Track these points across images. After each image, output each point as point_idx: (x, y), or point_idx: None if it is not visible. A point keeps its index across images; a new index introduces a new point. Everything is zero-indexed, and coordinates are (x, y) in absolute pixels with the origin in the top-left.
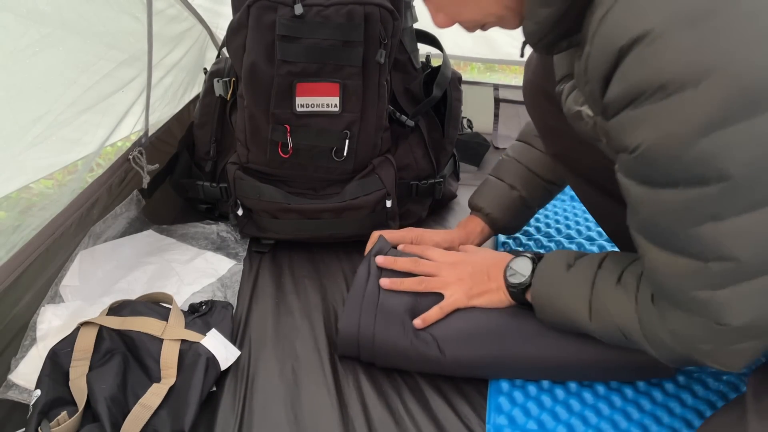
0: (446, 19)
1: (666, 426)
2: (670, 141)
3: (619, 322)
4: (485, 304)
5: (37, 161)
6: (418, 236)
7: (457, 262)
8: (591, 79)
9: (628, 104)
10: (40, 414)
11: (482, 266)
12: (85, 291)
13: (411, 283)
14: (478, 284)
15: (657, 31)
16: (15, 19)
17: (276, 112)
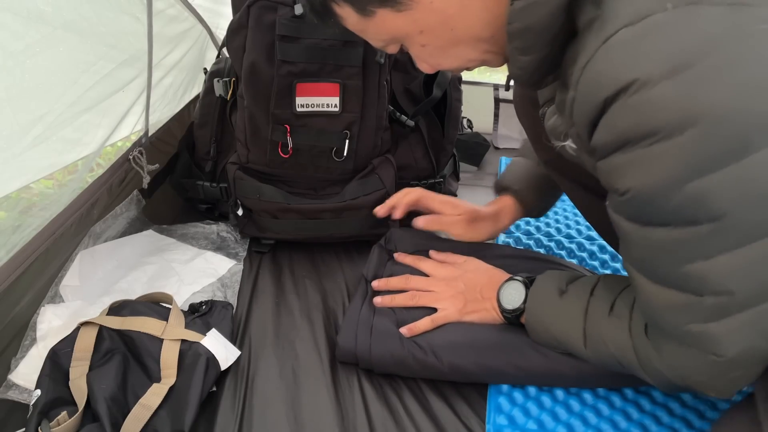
0: (429, 67)
1: (666, 426)
2: (659, 185)
3: (615, 350)
4: (479, 321)
5: (37, 161)
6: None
7: (450, 277)
8: (577, 123)
9: (616, 150)
10: (40, 414)
11: (475, 284)
12: (85, 291)
13: (403, 298)
14: (471, 302)
15: (641, 81)
16: (15, 19)
17: (276, 112)
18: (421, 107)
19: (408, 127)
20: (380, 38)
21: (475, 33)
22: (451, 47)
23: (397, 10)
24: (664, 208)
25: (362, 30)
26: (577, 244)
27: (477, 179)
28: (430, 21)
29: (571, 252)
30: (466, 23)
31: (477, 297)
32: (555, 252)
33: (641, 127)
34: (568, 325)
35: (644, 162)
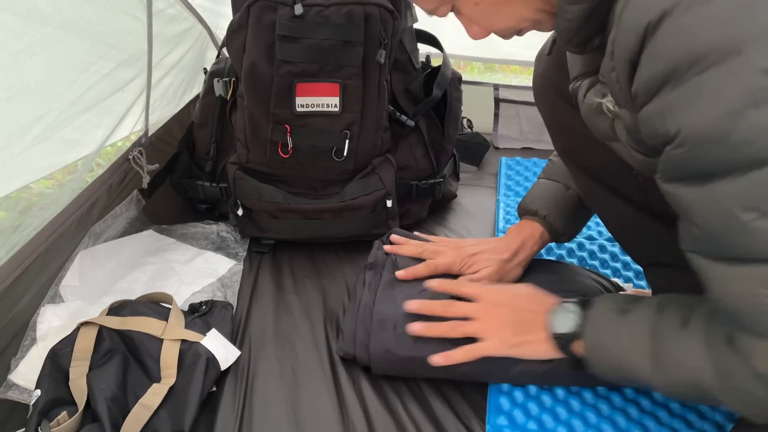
0: (481, 30)
1: (666, 426)
2: (714, 120)
3: (688, 371)
4: (526, 356)
5: (37, 161)
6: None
7: (497, 303)
8: (618, 63)
9: (661, 87)
10: (40, 414)
11: (526, 312)
12: (85, 291)
13: (443, 329)
14: (520, 333)
15: (689, 1)
16: (15, 19)
17: (276, 112)
18: (421, 107)
19: (408, 127)
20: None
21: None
22: (504, 4)
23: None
24: (722, 149)
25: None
26: (577, 244)
27: (477, 179)
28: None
29: (571, 252)
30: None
31: (526, 327)
32: (555, 252)
33: (690, 52)
34: (632, 346)
35: (694, 93)
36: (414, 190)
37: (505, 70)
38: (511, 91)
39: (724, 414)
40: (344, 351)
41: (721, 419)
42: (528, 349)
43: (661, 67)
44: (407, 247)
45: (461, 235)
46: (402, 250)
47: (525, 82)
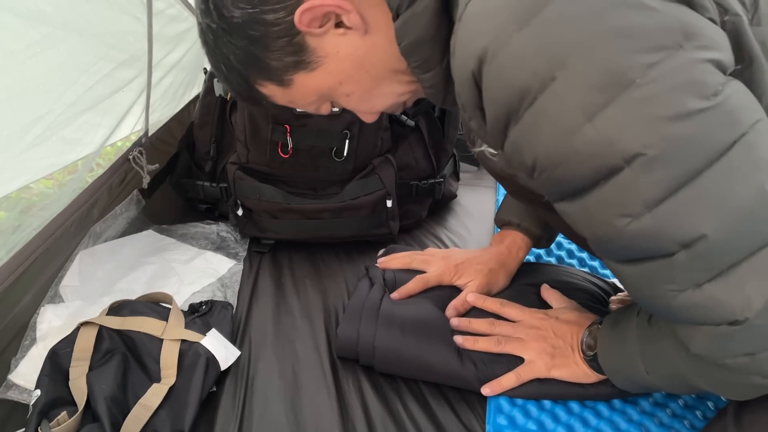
0: (369, 115)
1: (666, 427)
2: (556, 143)
3: (668, 366)
4: (567, 377)
5: (37, 161)
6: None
7: (538, 325)
8: (470, 113)
9: (506, 126)
10: (40, 414)
11: (565, 333)
12: (85, 291)
13: (486, 343)
14: (561, 354)
15: (493, 44)
16: (15, 19)
17: (276, 113)
18: (421, 107)
19: (408, 127)
20: (308, 101)
21: (390, 66)
22: (374, 88)
23: (310, 70)
24: (577, 167)
25: (290, 101)
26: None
27: (477, 179)
28: (344, 69)
29: (570, 253)
30: (378, 59)
31: (567, 350)
32: (555, 253)
33: (516, 87)
34: (626, 352)
35: (533, 124)
36: (414, 190)
37: None
38: None
39: None
40: (345, 349)
41: None
42: (568, 371)
43: (498, 109)
44: (396, 261)
45: (461, 235)
46: (391, 263)
47: None
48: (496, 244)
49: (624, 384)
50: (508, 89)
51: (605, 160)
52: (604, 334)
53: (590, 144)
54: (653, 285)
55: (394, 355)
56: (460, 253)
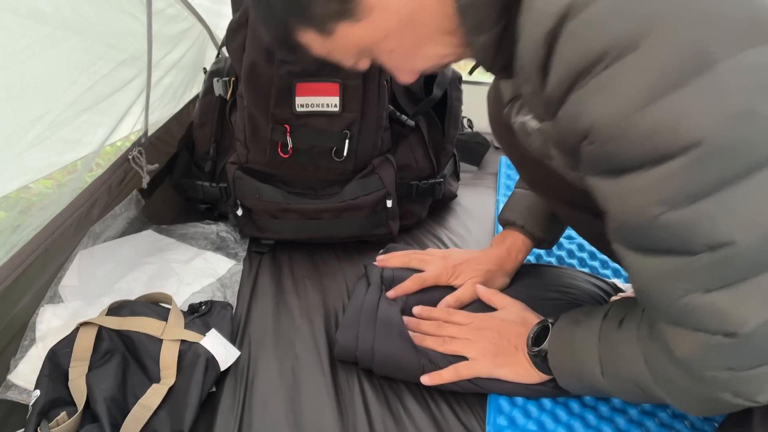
0: (409, 74)
1: (666, 426)
2: (617, 115)
3: (628, 372)
4: (510, 376)
5: (37, 161)
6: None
7: (484, 327)
8: (529, 75)
9: (571, 87)
10: (39, 414)
11: (510, 333)
12: (85, 291)
13: (433, 342)
14: (504, 353)
15: (578, 4)
16: (15, 19)
17: (275, 112)
18: (421, 107)
19: (408, 127)
20: (348, 54)
21: (437, 26)
22: (418, 47)
23: (355, 20)
24: (630, 145)
25: (329, 51)
26: (578, 244)
27: (477, 179)
28: (390, 23)
29: (571, 253)
30: (427, 17)
31: (511, 349)
32: (555, 253)
33: (591, 52)
34: (584, 354)
35: (601, 89)
36: (414, 190)
37: None
38: None
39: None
40: (344, 352)
41: (721, 420)
42: (511, 369)
43: (569, 68)
44: (394, 259)
45: (461, 235)
46: (390, 262)
47: None
48: (497, 245)
49: (570, 384)
50: (585, 51)
51: (662, 143)
52: (558, 332)
53: (651, 123)
54: (663, 280)
55: (392, 360)
56: (459, 254)
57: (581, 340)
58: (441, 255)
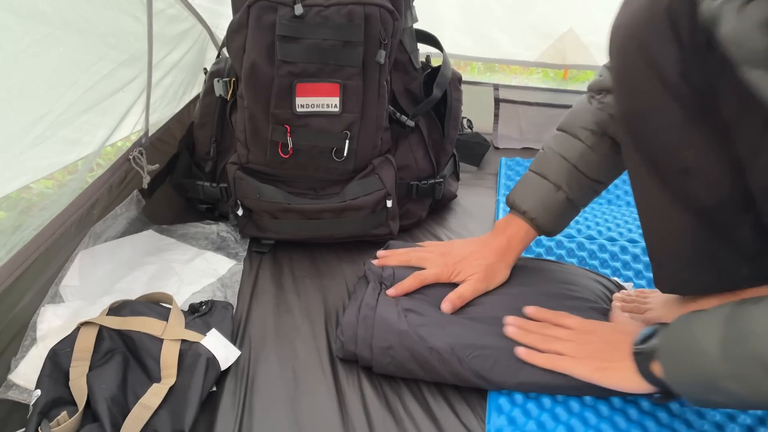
0: None
1: (666, 426)
2: None
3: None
4: (609, 382)
5: (37, 161)
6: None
7: (588, 331)
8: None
9: None
10: (40, 414)
11: (617, 341)
12: (86, 291)
13: (536, 339)
14: (608, 359)
15: None
16: (15, 20)
17: (276, 113)
18: (421, 107)
19: (408, 127)
20: None
21: None
22: None
23: None
24: None
25: None
26: (577, 243)
27: (477, 179)
28: None
29: (570, 252)
30: None
31: (614, 354)
32: (554, 252)
33: None
34: (702, 334)
35: None
36: (414, 190)
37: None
38: (511, 91)
39: (724, 413)
40: (344, 350)
41: (720, 419)
42: (611, 374)
43: None
44: (394, 258)
45: (461, 235)
46: (389, 261)
47: (525, 82)
48: (498, 234)
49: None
50: None
51: None
52: (674, 324)
53: None
54: None
55: (390, 358)
56: (459, 249)
57: (702, 324)
58: (440, 252)
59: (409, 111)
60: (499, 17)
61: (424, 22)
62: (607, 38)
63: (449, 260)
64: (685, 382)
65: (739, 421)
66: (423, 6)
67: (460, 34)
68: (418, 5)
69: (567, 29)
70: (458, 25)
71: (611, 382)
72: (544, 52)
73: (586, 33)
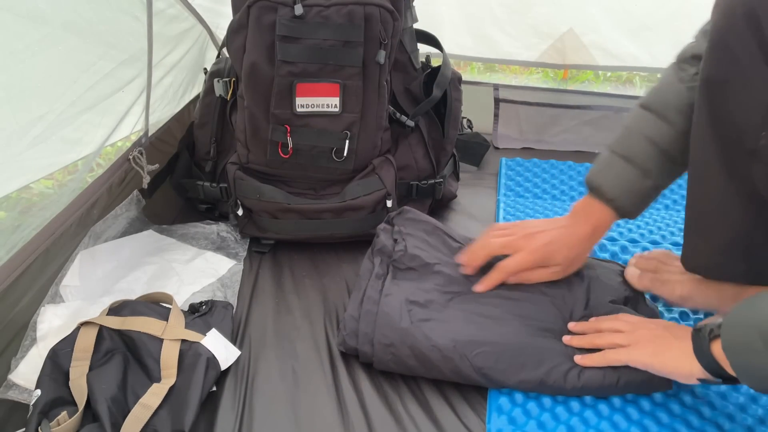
0: None
1: (666, 426)
2: None
3: None
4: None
5: (37, 161)
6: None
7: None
8: None
9: None
10: (40, 414)
11: (672, 328)
12: (86, 291)
13: (599, 357)
14: (664, 344)
15: None
16: (15, 19)
17: (276, 113)
18: (421, 107)
19: (408, 127)
20: None
21: None
22: None
23: None
24: None
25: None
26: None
27: (477, 179)
28: None
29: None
30: None
31: (670, 339)
32: None
33: None
34: None
35: None
36: (414, 190)
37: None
38: (511, 91)
39: (724, 415)
40: (345, 344)
41: (721, 420)
42: (668, 357)
43: None
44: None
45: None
46: (477, 260)
47: (525, 82)
48: (581, 221)
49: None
50: None
51: None
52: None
53: None
54: None
55: (392, 352)
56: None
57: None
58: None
59: (409, 111)
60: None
61: (424, 22)
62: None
63: (534, 245)
64: (747, 362)
65: (739, 421)
66: (423, 6)
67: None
68: (418, 5)
69: (567, 29)
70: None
71: (667, 366)
72: (544, 52)
73: (586, 33)
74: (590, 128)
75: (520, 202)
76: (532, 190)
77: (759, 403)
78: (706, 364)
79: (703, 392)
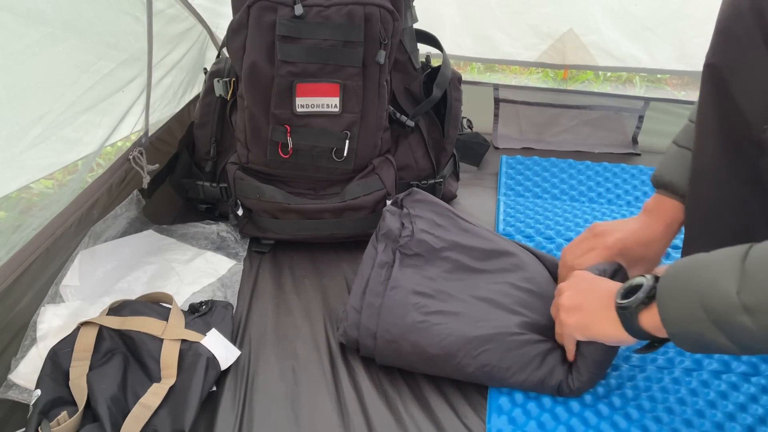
0: None
1: (666, 425)
2: None
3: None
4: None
5: (37, 161)
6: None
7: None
8: None
9: None
10: (40, 414)
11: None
12: (86, 291)
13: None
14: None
15: None
16: (15, 19)
17: (276, 113)
18: (421, 107)
19: (408, 127)
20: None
21: None
22: None
23: None
24: None
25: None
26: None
27: (477, 179)
28: None
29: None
30: None
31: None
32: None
33: None
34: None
35: None
36: None
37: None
38: (511, 91)
39: (723, 413)
40: (347, 336)
41: (720, 418)
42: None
43: None
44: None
45: None
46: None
47: (525, 82)
48: (656, 219)
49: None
50: None
51: None
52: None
53: None
54: None
55: (393, 350)
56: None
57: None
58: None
59: (409, 111)
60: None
61: (424, 22)
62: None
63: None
64: (688, 331)
65: (739, 420)
66: (423, 6)
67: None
68: (418, 5)
69: (567, 29)
70: (458, 25)
71: (598, 338)
72: (544, 52)
73: (586, 33)
74: (590, 128)
75: (521, 201)
76: (533, 189)
77: (759, 402)
78: (637, 335)
79: (704, 392)
